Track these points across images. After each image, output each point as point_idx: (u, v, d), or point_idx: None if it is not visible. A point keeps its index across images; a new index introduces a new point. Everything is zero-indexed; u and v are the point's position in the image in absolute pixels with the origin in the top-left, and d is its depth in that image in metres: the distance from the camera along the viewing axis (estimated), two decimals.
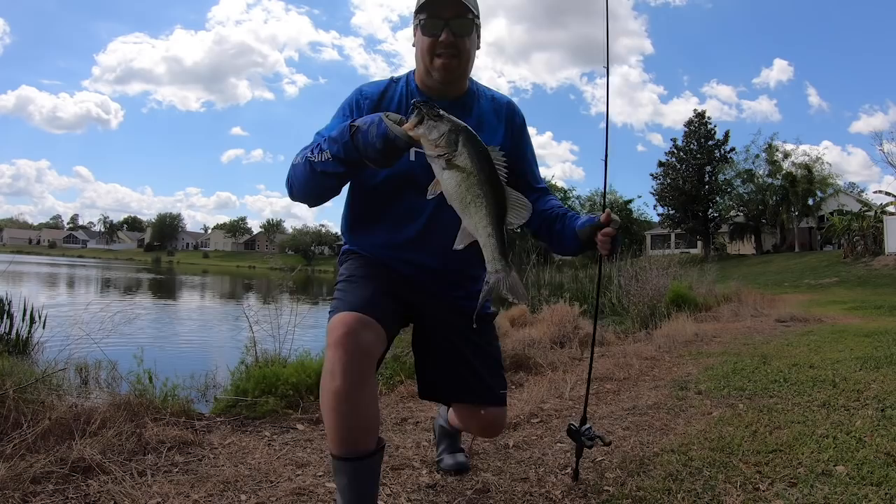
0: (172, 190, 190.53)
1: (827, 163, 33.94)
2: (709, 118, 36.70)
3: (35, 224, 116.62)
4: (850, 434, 2.11)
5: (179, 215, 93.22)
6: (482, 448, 2.12)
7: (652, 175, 37.27)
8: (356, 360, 1.25)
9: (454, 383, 1.57)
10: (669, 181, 36.02)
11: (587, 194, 46.56)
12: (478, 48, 1.53)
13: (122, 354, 3.06)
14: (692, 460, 1.91)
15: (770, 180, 34.67)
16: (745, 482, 1.71)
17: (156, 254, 77.29)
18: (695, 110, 41.82)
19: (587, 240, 1.44)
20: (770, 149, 34.52)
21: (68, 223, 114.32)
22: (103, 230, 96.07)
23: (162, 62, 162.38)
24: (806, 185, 32.98)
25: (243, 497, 1.65)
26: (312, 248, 69.18)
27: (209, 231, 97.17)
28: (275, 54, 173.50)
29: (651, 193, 37.56)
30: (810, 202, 33.65)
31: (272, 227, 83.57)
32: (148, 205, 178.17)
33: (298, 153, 1.40)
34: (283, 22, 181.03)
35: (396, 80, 1.57)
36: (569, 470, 1.86)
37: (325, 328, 1.34)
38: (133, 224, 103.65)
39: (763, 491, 1.66)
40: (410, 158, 1.45)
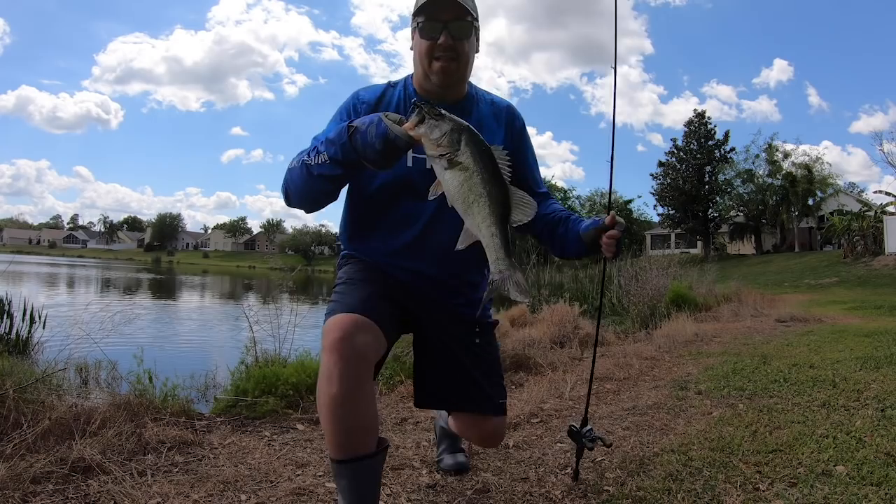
0: (172, 190, 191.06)
1: (827, 163, 34.07)
2: (709, 118, 36.78)
3: (35, 224, 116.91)
4: (850, 434, 2.11)
5: (179, 215, 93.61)
6: (482, 448, 2.12)
7: (652, 175, 37.35)
8: (352, 365, 1.23)
9: (453, 392, 1.54)
10: (669, 181, 36.02)
11: (587, 194, 46.65)
12: (477, 51, 1.51)
13: (122, 354, 3.06)
14: (692, 460, 1.91)
15: (770, 180, 34.69)
16: (745, 482, 1.71)
17: (156, 254, 77.32)
18: (695, 110, 41.96)
19: (591, 243, 1.43)
20: (770, 149, 34.57)
21: (68, 223, 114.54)
22: (103, 230, 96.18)
23: (162, 62, 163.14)
24: (806, 185, 32.99)
25: (243, 497, 1.65)
26: (312, 248, 69.18)
27: (209, 231, 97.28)
28: (275, 54, 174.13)
29: (651, 193, 37.66)
30: (810, 202, 33.67)
31: (272, 228, 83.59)
32: (148, 205, 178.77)
33: (294, 157, 1.37)
34: (283, 22, 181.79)
35: (394, 85, 1.54)
36: (569, 470, 1.86)
37: (321, 330, 1.31)
38: (133, 224, 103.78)
39: (763, 491, 1.66)
40: (408, 164, 1.44)
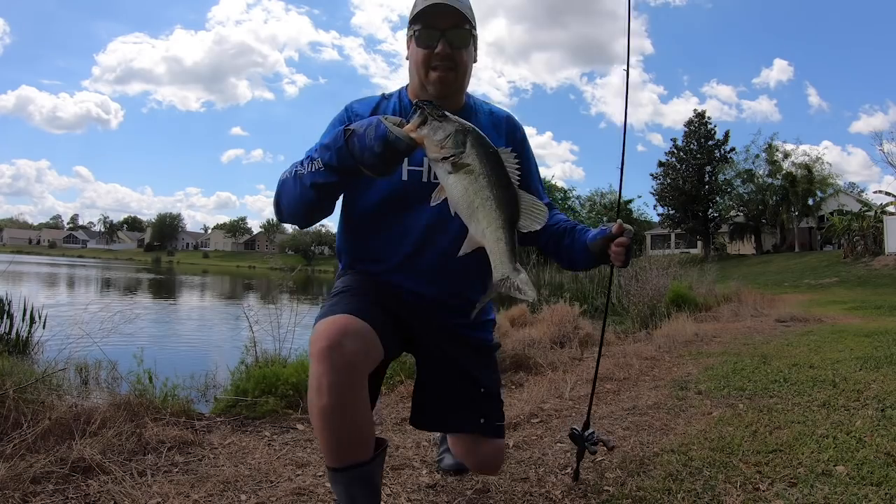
0: (172, 190, 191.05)
1: (827, 163, 34.01)
2: (709, 118, 36.75)
3: (35, 224, 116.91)
4: (850, 434, 2.11)
5: (179, 215, 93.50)
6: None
7: (652, 175, 37.31)
8: (342, 375, 1.16)
9: (451, 414, 1.50)
10: (669, 181, 36.00)
11: (587, 194, 46.61)
12: (475, 61, 1.45)
13: (122, 354, 3.06)
14: (692, 460, 1.91)
15: (770, 180, 34.66)
16: (745, 482, 1.71)
17: (156, 254, 77.30)
18: (695, 110, 41.97)
19: (600, 252, 1.38)
20: (770, 149, 34.54)
21: (68, 223, 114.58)
22: (103, 230, 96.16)
23: (162, 62, 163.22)
24: (806, 185, 32.98)
25: (243, 497, 1.65)
26: (312, 248, 69.12)
27: (209, 231, 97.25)
28: (275, 54, 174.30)
29: (651, 193, 37.59)
30: (810, 202, 33.65)
31: (272, 228, 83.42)
32: (148, 205, 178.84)
33: (287, 169, 1.30)
34: (283, 22, 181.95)
35: (388, 97, 1.49)
36: (569, 470, 1.86)
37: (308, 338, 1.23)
38: (133, 224, 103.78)
39: (763, 491, 1.66)
40: (403, 178, 1.38)
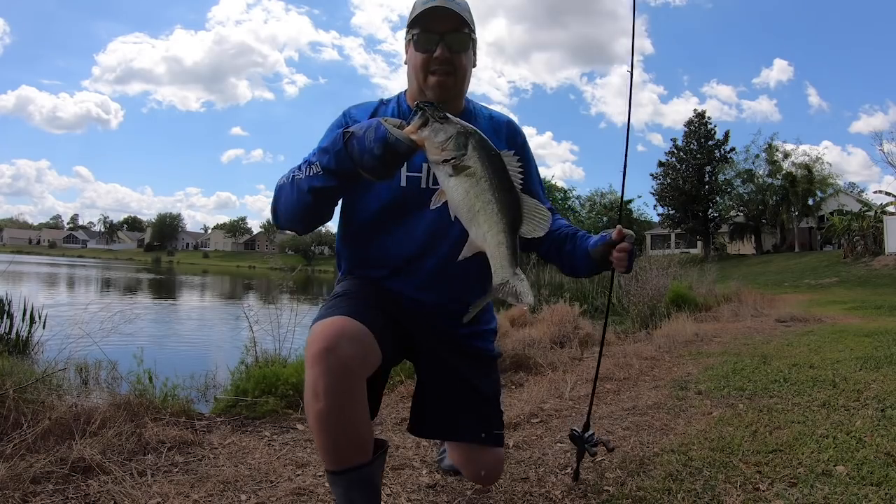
0: (172, 190, 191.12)
1: (827, 163, 33.98)
2: (709, 118, 36.70)
3: (35, 224, 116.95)
4: (850, 434, 2.11)
5: (179, 215, 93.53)
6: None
7: (652, 175, 37.27)
8: (339, 378, 1.14)
9: (450, 421, 1.50)
10: (669, 181, 35.98)
11: (587, 194, 46.58)
12: (474, 65, 1.44)
13: (122, 354, 3.06)
14: (692, 460, 1.91)
15: (770, 180, 34.64)
16: (745, 482, 1.71)
17: (156, 254, 77.31)
18: (695, 110, 41.99)
19: (601, 259, 1.37)
20: (770, 149, 34.51)
21: (68, 223, 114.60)
22: (103, 230, 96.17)
23: (162, 62, 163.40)
24: (806, 185, 32.97)
25: (243, 497, 1.65)
26: (312, 248, 69.14)
27: (209, 231, 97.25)
28: (275, 54, 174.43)
29: (651, 193, 37.55)
30: (810, 202, 33.64)
31: (272, 228, 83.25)
32: (148, 205, 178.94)
33: (285, 174, 1.29)
34: (283, 22, 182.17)
35: (386, 102, 1.48)
36: (569, 470, 1.86)
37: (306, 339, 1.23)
38: (133, 224, 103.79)
39: (763, 491, 1.66)
40: (402, 184, 1.37)
